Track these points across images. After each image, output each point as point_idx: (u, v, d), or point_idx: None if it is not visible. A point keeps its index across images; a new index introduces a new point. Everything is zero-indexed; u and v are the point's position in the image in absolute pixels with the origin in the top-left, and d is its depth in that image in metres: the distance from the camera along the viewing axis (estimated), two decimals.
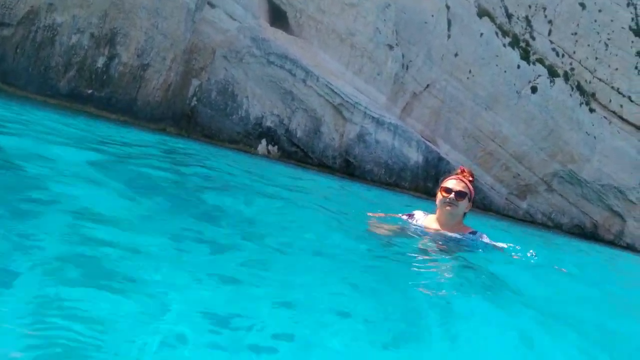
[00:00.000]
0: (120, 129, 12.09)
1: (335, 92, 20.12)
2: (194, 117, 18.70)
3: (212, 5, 18.45)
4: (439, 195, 3.59)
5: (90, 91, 15.71)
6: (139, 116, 16.74)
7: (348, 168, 20.58)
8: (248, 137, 19.40)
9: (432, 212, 3.77)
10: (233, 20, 18.81)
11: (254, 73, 19.31)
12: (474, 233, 3.61)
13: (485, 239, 3.62)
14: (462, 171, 3.76)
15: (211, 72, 18.68)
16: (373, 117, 20.80)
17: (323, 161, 20.26)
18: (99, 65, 15.96)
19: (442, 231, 3.60)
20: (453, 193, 3.53)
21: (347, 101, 20.22)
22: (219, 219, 3.32)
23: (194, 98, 18.66)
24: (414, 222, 3.73)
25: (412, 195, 19.94)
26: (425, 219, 3.72)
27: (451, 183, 3.61)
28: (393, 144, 21.22)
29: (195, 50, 18.25)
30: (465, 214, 3.66)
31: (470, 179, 3.74)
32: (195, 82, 18.56)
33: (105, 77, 16.13)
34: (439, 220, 3.62)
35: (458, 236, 3.59)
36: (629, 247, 24.53)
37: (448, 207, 3.55)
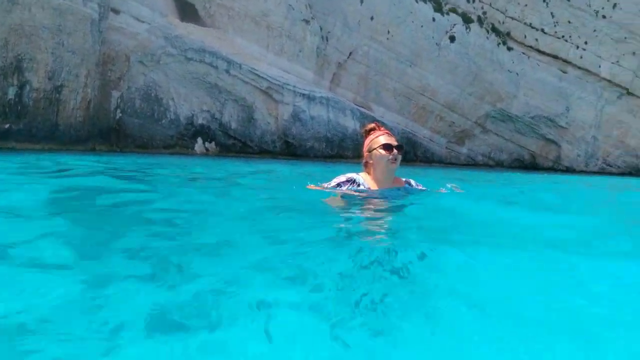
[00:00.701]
0: (43, 157, 11.59)
1: (261, 77, 19.91)
2: (122, 129, 18.11)
3: (116, 12, 17.72)
4: (379, 153, 3.50)
5: (7, 125, 14.88)
6: (63, 141, 16.04)
7: (289, 149, 20.58)
8: (182, 139, 19.03)
9: (356, 171, 3.74)
10: (141, 22, 18.15)
11: (174, 73, 18.82)
12: (408, 183, 3.74)
13: (419, 186, 3.78)
14: (379, 126, 3.73)
15: (130, 80, 18.07)
16: (304, 95, 20.78)
17: (263, 147, 20.17)
18: (11, 97, 15.03)
19: (387, 187, 3.63)
20: (396, 149, 3.54)
21: (274, 83, 20.07)
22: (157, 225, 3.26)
23: (118, 110, 18.04)
24: (357, 186, 3.62)
25: (357, 162, 20.20)
26: (366, 180, 3.63)
27: (386, 138, 3.56)
28: (328, 117, 21.32)
29: (108, 60, 17.54)
30: None
31: None
32: (115, 94, 17.91)
33: (19, 107, 15.25)
34: (378, 178, 3.58)
35: (402, 191, 3.70)
36: (568, 170, 25.79)
37: (393, 164, 3.54)
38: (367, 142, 3.65)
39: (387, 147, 3.50)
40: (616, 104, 26.08)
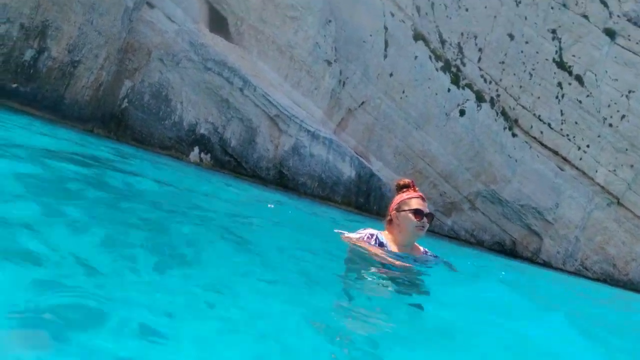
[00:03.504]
0: (45, 126, 11.55)
1: (273, 104, 20.16)
2: (124, 119, 18.12)
3: (151, 6, 18.05)
4: (408, 217, 3.37)
5: (15, 85, 14.87)
6: (65, 115, 16.01)
7: (282, 180, 20.60)
8: (180, 144, 19.03)
9: (379, 229, 3.58)
10: (172, 22, 18.47)
11: (190, 78, 19.02)
12: (426, 252, 3.60)
13: (431, 254, 3.65)
14: (414, 185, 3.63)
15: (145, 74, 18.22)
16: (309, 131, 20.99)
17: (257, 172, 20.18)
18: (27, 59, 15.07)
19: (410, 253, 3.48)
20: (425, 217, 3.39)
21: (283, 113, 20.30)
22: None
23: (125, 100, 18.10)
24: (373, 239, 3.47)
25: (344, 210, 20.25)
26: (388, 240, 3.49)
27: (419, 203, 3.43)
28: (327, 158, 21.49)
29: (130, 50, 17.74)
30: None
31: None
32: (128, 83, 18.02)
33: (32, 71, 15.28)
34: (399, 241, 3.44)
35: (426, 257, 3.59)
36: (545, 264, 25.96)
37: (420, 231, 3.40)
38: (397, 199, 3.53)
39: (418, 212, 3.38)
40: (605, 210, 26.59)
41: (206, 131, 19.42)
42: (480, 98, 26.20)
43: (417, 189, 3.61)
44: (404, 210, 3.42)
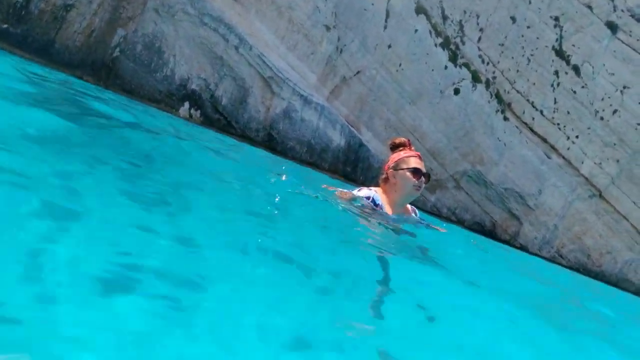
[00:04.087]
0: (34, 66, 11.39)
1: (267, 64, 19.84)
2: (114, 68, 17.74)
3: None
4: (406, 176, 3.53)
5: (5, 26, 14.45)
6: (54, 60, 15.65)
7: (270, 142, 20.50)
8: (170, 98, 18.75)
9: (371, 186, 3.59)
10: None
11: (185, 32, 18.61)
12: (415, 212, 3.68)
13: (423, 222, 3.81)
14: (411, 144, 3.65)
15: (139, 24, 17.76)
16: (301, 95, 20.79)
17: (246, 132, 20.03)
18: (19, 0, 14.70)
19: (401, 213, 3.66)
20: (423, 176, 3.56)
21: (277, 75, 20.02)
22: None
23: (117, 49, 17.68)
24: (375, 205, 3.57)
25: (330, 176, 20.33)
26: (382, 200, 3.63)
27: (417, 162, 3.63)
28: (318, 124, 21.38)
29: None
30: None
31: None
32: (120, 32, 17.56)
33: (23, 12, 14.84)
34: (394, 201, 3.64)
35: (415, 217, 3.63)
36: (522, 248, 26.35)
37: (417, 191, 3.66)
38: (394, 157, 3.68)
39: (416, 172, 3.62)
40: (586, 202, 26.83)
41: (198, 87, 19.14)
42: (476, 78, 25.98)
43: (413, 147, 3.62)
44: (402, 169, 3.68)
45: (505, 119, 28.25)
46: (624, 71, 27.95)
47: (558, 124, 28.87)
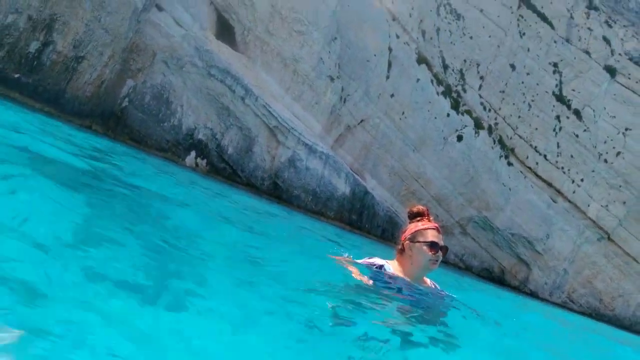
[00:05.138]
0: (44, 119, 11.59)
1: (273, 114, 20.23)
2: (123, 118, 18.14)
3: (160, 8, 18.18)
4: (423, 249, 3.16)
5: (17, 75, 14.92)
6: (65, 109, 16.04)
7: (276, 191, 20.60)
8: (177, 147, 19.03)
9: (389, 258, 3.36)
10: (179, 26, 18.59)
11: (192, 83, 19.09)
12: (435, 286, 3.41)
13: (444, 292, 3.44)
14: (429, 214, 3.43)
15: (148, 75, 18.28)
16: (306, 144, 21.06)
17: (251, 181, 20.18)
18: (31, 50, 15.13)
19: (418, 284, 3.27)
20: (440, 250, 3.21)
21: (283, 125, 20.37)
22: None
23: (126, 99, 18.13)
24: (384, 271, 3.23)
25: (336, 226, 20.23)
26: (394, 270, 3.25)
27: (435, 235, 3.24)
28: (323, 173, 21.53)
29: (135, 50, 17.82)
30: None
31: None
32: (130, 83, 18.07)
33: (35, 63, 15.34)
34: (410, 273, 3.22)
35: (435, 290, 3.38)
36: (532, 294, 25.95)
37: (434, 266, 3.22)
38: (412, 228, 3.32)
39: (433, 245, 3.19)
40: (594, 245, 26.67)
41: (204, 137, 19.44)
42: (478, 125, 26.39)
43: (432, 218, 3.41)
44: (419, 242, 3.22)
45: (510, 164, 28.15)
46: (625, 113, 27.87)
47: (562, 168, 28.64)
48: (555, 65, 28.38)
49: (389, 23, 23.62)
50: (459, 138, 25.48)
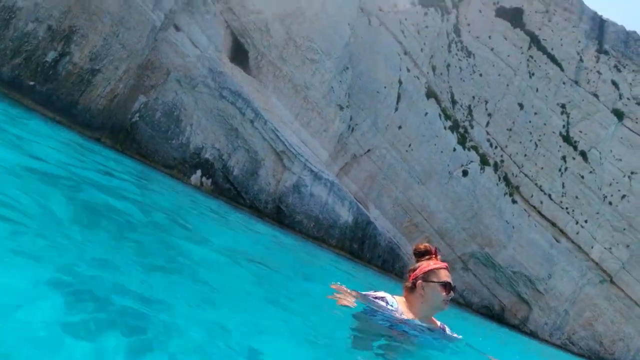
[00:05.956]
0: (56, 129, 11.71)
1: (280, 139, 20.40)
2: (132, 133, 18.33)
3: (177, 29, 18.56)
4: (436, 290, 3.14)
5: (32, 83, 15.19)
6: (76, 120, 16.25)
7: (279, 215, 20.60)
8: (184, 165, 19.16)
9: (396, 293, 3.31)
10: (195, 47, 18.95)
11: (203, 103, 19.34)
12: (443, 328, 3.33)
13: (454, 334, 3.40)
14: (437, 253, 3.37)
15: (160, 93, 18.55)
16: (312, 170, 21.15)
17: (255, 204, 20.22)
18: (48, 59, 15.47)
19: (425, 323, 3.21)
20: (452, 291, 3.19)
21: (290, 150, 20.52)
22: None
23: (137, 114, 18.37)
24: (389, 307, 3.18)
25: (337, 254, 20.15)
26: (400, 306, 3.21)
27: (448, 276, 3.22)
28: (327, 200, 21.55)
29: (149, 67, 18.14)
30: None
31: None
32: (142, 99, 18.32)
33: (51, 72, 15.64)
34: (419, 312, 3.19)
35: (442, 331, 3.33)
36: (532, 334, 25.60)
37: (446, 306, 3.22)
38: (424, 267, 3.25)
39: (447, 286, 3.17)
40: (596, 287, 26.42)
41: (211, 156, 19.59)
42: (484, 161, 26.49)
43: (439, 257, 3.35)
44: (433, 282, 3.19)
45: (514, 201, 28.08)
46: (631, 157, 27.89)
47: (567, 208, 28.55)
48: (563, 106, 28.61)
49: (401, 57, 23.97)
50: (465, 173, 25.55)
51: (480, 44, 27.45)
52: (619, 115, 28.33)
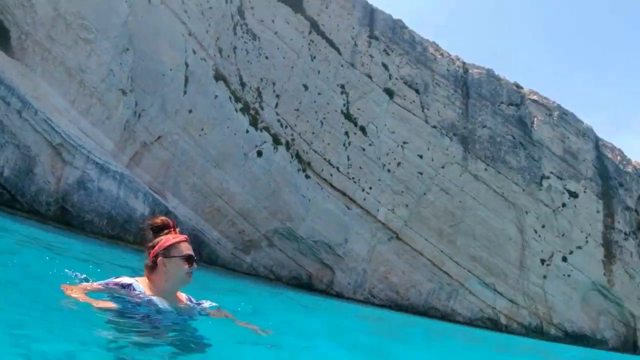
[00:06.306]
0: None
1: (56, 130, 18.19)
2: None
3: None
4: (179, 264, 3.00)
5: None
6: None
7: (64, 216, 18.48)
8: None
9: (138, 275, 3.12)
10: None
11: None
12: (190, 299, 3.27)
13: (202, 303, 3.34)
14: (175, 226, 3.28)
15: None
16: (97, 163, 19.37)
17: (34, 207, 17.80)
18: None
19: (174, 302, 3.08)
20: (194, 263, 3.09)
21: (68, 142, 18.42)
22: None
23: None
24: (135, 292, 2.93)
25: (137, 250, 18.92)
26: (144, 287, 2.99)
27: (188, 248, 3.13)
28: (118, 194, 20.01)
29: None
30: None
31: None
32: None
33: None
34: (164, 288, 3.01)
35: (190, 305, 3.20)
36: (338, 295, 27.70)
37: (190, 279, 3.10)
38: (163, 242, 3.12)
39: (190, 259, 3.10)
40: (386, 244, 29.71)
41: None
42: (277, 141, 27.42)
43: (178, 229, 3.27)
44: (174, 257, 3.09)
45: (307, 177, 29.83)
46: (402, 129, 31.88)
47: (353, 178, 31.41)
48: (342, 86, 31.08)
49: (185, 38, 23.21)
50: (259, 154, 26.12)
51: (264, 27, 28.10)
52: (389, 93, 31.85)
